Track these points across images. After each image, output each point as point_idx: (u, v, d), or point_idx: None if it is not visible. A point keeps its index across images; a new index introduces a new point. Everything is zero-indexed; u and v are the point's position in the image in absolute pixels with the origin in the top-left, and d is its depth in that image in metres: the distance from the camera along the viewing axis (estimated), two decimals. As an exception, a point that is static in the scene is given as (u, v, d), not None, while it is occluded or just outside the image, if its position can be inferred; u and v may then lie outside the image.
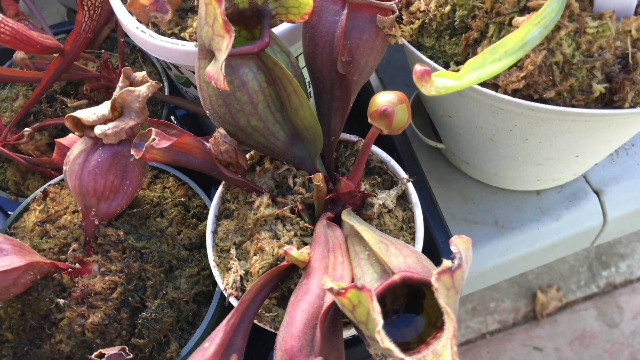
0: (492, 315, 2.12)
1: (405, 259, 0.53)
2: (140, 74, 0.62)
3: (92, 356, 0.59)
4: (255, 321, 0.59)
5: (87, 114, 0.62)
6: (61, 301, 0.62)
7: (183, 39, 0.69)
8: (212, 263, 0.63)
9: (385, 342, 0.42)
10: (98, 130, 0.62)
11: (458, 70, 0.52)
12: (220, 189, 0.67)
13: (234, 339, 0.54)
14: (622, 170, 0.96)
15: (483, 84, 0.61)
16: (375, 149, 0.68)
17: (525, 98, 0.60)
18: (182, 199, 0.72)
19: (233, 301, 0.60)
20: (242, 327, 0.55)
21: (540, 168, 0.83)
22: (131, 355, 0.60)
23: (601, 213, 0.95)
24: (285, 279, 0.59)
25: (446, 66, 0.63)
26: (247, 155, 0.68)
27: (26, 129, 0.76)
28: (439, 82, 0.48)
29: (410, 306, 0.57)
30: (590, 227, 0.95)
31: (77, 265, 0.65)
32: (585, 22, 0.56)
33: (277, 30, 0.69)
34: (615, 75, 0.57)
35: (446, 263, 0.45)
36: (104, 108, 0.63)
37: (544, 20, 0.54)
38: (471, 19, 0.60)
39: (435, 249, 0.74)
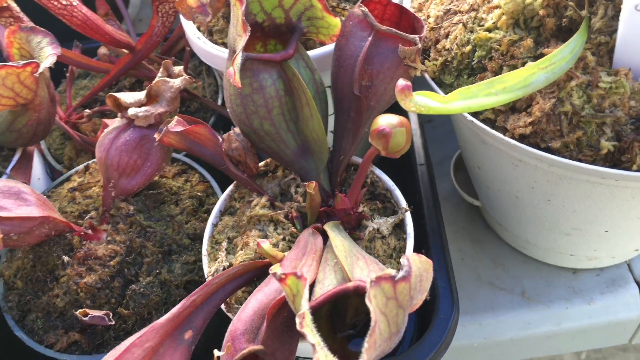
0: None
1: (370, 273, 0.53)
2: (178, 68, 0.68)
3: (77, 312, 0.64)
4: (224, 309, 0.61)
5: (125, 97, 0.69)
6: (66, 258, 0.68)
7: (230, 48, 0.75)
8: (204, 251, 0.66)
9: (306, 323, 0.42)
10: (131, 111, 0.68)
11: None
12: (230, 187, 0.71)
13: (194, 317, 0.56)
14: (672, 265, 0.89)
15: (494, 127, 0.61)
16: (383, 176, 0.69)
17: (532, 146, 0.59)
18: (200, 194, 0.76)
19: (212, 290, 0.62)
20: (204, 308, 0.57)
21: (570, 239, 0.79)
22: (113, 322, 0.64)
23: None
24: (262, 276, 0.61)
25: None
26: (262, 163, 0.72)
27: (86, 110, 0.85)
28: (420, 100, 0.49)
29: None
30: (627, 318, 0.88)
31: (89, 230, 0.70)
32: (599, 76, 0.55)
33: (311, 52, 0.73)
34: (625, 134, 0.55)
35: (389, 271, 0.45)
36: (142, 94, 0.69)
37: (552, 66, 0.54)
38: (488, 60, 0.60)
39: (433, 293, 0.72)
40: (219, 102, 0.92)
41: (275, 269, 0.48)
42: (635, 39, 0.54)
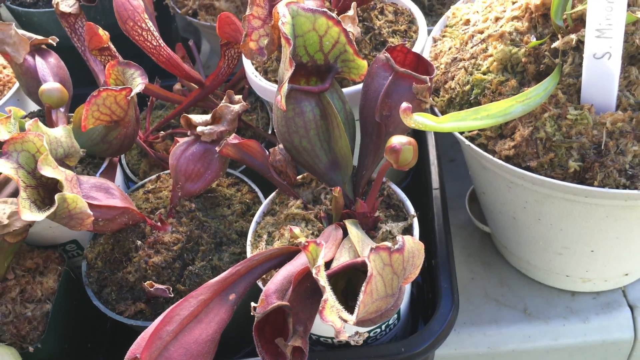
0: None
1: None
2: (238, 97, 0.86)
3: (145, 283, 0.80)
4: (260, 284, 0.76)
5: (196, 117, 0.87)
6: (139, 242, 0.85)
7: (280, 84, 0.93)
8: (248, 242, 0.81)
9: (320, 274, 0.57)
10: (199, 129, 0.86)
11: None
12: (273, 194, 0.87)
13: (237, 284, 0.71)
14: (663, 293, 0.99)
15: (487, 151, 0.76)
16: (397, 189, 0.84)
17: (515, 165, 0.73)
18: (248, 201, 0.92)
19: (253, 271, 0.77)
20: (246, 278, 0.72)
21: (562, 259, 0.91)
22: (172, 295, 0.80)
23: (632, 327, 0.98)
24: (291, 259, 0.76)
25: (461, 133, 0.79)
26: (300, 176, 0.88)
27: (161, 132, 1.04)
28: (419, 119, 0.65)
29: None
30: (620, 339, 0.98)
31: (159, 223, 0.87)
32: (568, 110, 0.69)
33: (345, 89, 0.90)
34: (589, 157, 0.69)
35: (385, 243, 0.60)
36: (208, 116, 0.87)
37: (528, 100, 0.69)
38: (482, 96, 0.76)
39: (437, 293, 0.85)
40: (269, 132, 1.10)
41: (301, 240, 0.63)
42: (595, 80, 0.68)
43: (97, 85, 1.11)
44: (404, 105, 0.65)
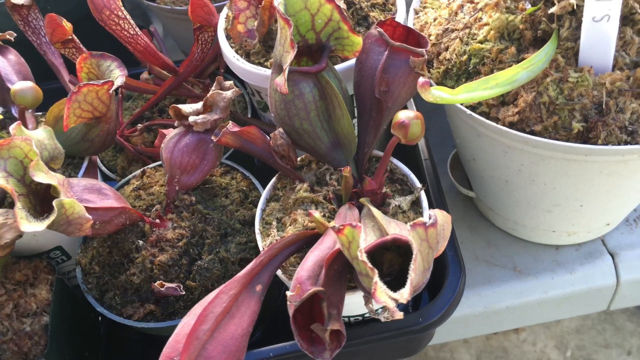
0: None
1: (401, 231, 0.68)
2: (229, 82, 0.84)
3: (155, 284, 0.77)
4: (279, 273, 0.75)
5: (185, 107, 0.84)
6: (140, 242, 0.81)
7: (266, 67, 0.91)
8: (257, 230, 0.80)
9: (362, 258, 0.57)
10: (191, 119, 0.83)
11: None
12: (273, 179, 0.86)
13: (261, 274, 0.70)
14: (637, 238, 1.06)
15: (488, 119, 0.77)
16: (399, 164, 0.84)
17: (519, 131, 0.75)
18: (245, 189, 0.90)
19: (268, 260, 0.76)
20: (269, 268, 0.71)
21: (552, 216, 0.95)
22: (184, 292, 0.78)
23: (614, 274, 1.04)
24: (309, 244, 0.75)
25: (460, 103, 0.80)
26: (299, 158, 0.87)
27: (139, 124, 0.99)
28: (436, 93, 0.65)
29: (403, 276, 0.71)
30: (604, 285, 1.04)
31: (157, 220, 0.84)
32: (568, 73, 0.72)
33: (337, 66, 0.89)
34: (591, 117, 0.71)
35: (421, 219, 0.60)
36: (199, 104, 0.84)
37: (532, 66, 0.71)
38: (481, 66, 0.77)
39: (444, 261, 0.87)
40: (249, 115, 1.08)
41: (334, 224, 0.62)
42: (594, 43, 0.70)
43: (57, 80, 1.04)
44: (422, 80, 0.65)
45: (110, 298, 0.83)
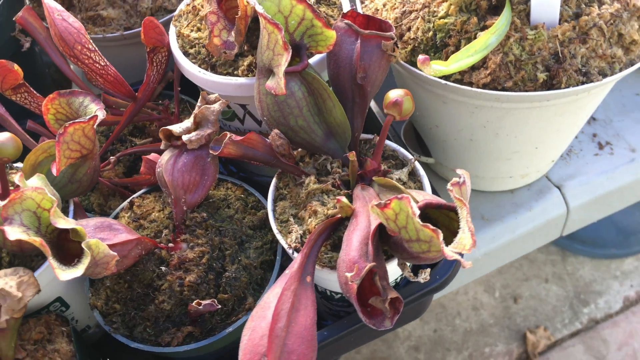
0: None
1: (425, 196, 0.75)
2: (214, 95, 0.85)
3: (193, 304, 0.78)
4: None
5: (175, 127, 0.84)
6: (163, 268, 0.81)
7: (236, 75, 0.93)
8: (275, 231, 0.82)
9: (417, 225, 0.62)
10: (185, 137, 0.83)
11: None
12: (274, 179, 0.88)
13: (307, 265, 0.73)
14: (575, 168, 1.21)
15: (462, 83, 0.86)
16: (387, 142, 0.91)
17: (492, 90, 0.84)
18: (242, 196, 0.92)
19: (295, 255, 0.79)
20: (311, 257, 0.74)
21: (511, 163, 1.07)
22: (220, 306, 0.79)
23: (564, 203, 1.18)
24: (335, 230, 0.80)
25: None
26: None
27: (111, 157, 0.97)
28: (435, 66, 0.72)
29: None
30: (557, 215, 1.18)
31: (170, 244, 0.84)
32: (526, 31, 0.82)
33: (310, 60, 0.93)
34: (552, 66, 0.82)
35: (455, 179, 0.67)
36: (187, 122, 0.85)
37: (498, 30, 0.80)
38: (448, 38, 0.85)
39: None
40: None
41: (374, 204, 0.67)
42: (542, 2, 0.81)
43: None
44: (421, 57, 0.72)
45: (141, 332, 0.82)
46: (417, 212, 0.64)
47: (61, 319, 0.85)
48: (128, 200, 0.93)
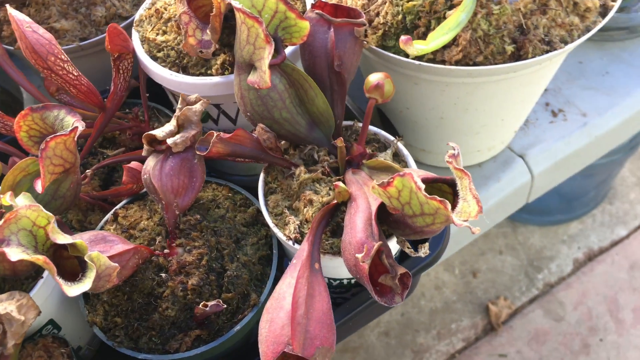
0: (455, 335, 2.34)
1: (417, 173, 0.77)
2: (194, 96, 0.84)
3: (199, 306, 0.77)
4: (319, 249, 0.79)
5: (158, 132, 0.83)
6: (163, 275, 0.80)
7: (210, 75, 0.92)
8: (271, 225, 0.83)
9: (423, 198, 0.64)
10: (170, 141, 0.82)
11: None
12: (262, 174, 0.89)
13: (314, 253, 0.74)
14: (534, 137, 1.27)
15: (434, 63, 0.89)
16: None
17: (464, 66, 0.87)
18: (229, 195, 0.92)
19: (296, 245, 0.80)
20: (316, 245, 0.75)
21: (479, 137, 1.11)
22: (225, 305, 0.79)
23: (528, 171, 1.23)
24: (332, 216, 0.81)
25: (406, 56, 0.90)
26: (276, 149, 0.90)
27: (87, 171, 0.94)
28: (418, 46, 0.75)
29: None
30: (523, 183, 1.23)
31: (166, 250, 0.82)
32: (491, 7, 0.85)
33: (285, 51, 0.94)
34: (518, 38, 0.86)
35: (451, 151, 0.69)
36: (170, 125, 0.84)
37: (467, 8, 0.83)
38: (418, 20, 0.88)
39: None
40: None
41: (375, 184, 0.69)
42: (503, -22, 0.85)
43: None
44: (404, 37, 0.74)
45: (147, 342, 0.80)
46: (422, 185, 0.66)
47: (59, 340, 0.82)
48: (111, 212, 0.91)
